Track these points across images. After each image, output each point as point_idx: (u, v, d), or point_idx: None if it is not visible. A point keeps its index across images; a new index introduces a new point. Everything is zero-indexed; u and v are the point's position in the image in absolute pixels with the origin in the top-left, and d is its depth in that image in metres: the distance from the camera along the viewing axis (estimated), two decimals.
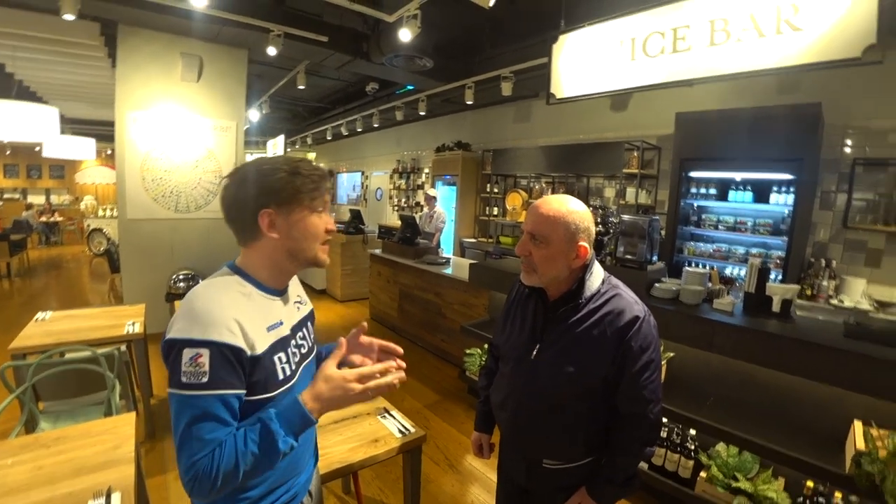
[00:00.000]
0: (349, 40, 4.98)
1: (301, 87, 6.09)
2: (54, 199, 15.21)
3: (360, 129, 9.17)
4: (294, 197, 0.99)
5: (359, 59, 5.14)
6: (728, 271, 4.26)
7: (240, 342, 0.90)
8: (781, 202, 3.91)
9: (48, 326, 2.93)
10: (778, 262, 3.92)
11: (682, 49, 2.76)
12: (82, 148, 7.83)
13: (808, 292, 3.64)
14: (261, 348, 0.94)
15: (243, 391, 0.91)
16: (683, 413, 2.33)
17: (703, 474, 2.30)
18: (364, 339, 1.17)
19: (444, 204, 7.44)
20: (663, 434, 2.52)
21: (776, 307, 2.31)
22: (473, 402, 3.71)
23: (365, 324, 1.19)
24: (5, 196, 14.64)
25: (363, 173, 12.10)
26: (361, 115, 8.40)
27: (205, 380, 0.85)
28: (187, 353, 0.86)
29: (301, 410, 0.92)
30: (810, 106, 3.58)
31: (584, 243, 1.23)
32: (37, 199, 14.88)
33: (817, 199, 3.94)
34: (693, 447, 2.43)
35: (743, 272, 4.07)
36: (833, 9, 2.19)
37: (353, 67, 5.51)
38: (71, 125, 9.85)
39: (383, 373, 1.00)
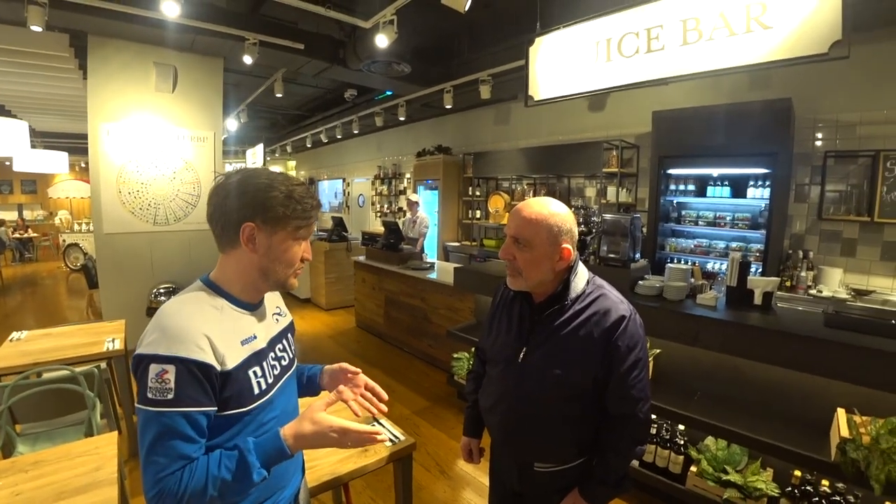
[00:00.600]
0: (326, 47, 4.96)
1: (279, 94, 6.05)
2: (27, 214, 14.77)
3: (339, 136, 9.13)
4: (281, 220, 0.98)
5: (336, 66, 5.12)
6: (710, 266, 4.33)
7: (208, 358, 0.88)
8: (758, 196, 4.00)
9: (23, 346, 2.84)
10: (757, 255, 4.00)
11: (656, 49, 2.80)
12: (54, 162, 7.67)
13: (788, 284, 3.72)
14: (232, 363, 0.93)
15: (212, 408, 0.90)
16: (671, 409, 2.35)
17: (693, 469, 2.32)
18: (359, 377, 1.25)
19: (426, 208, 7.43)
20: (652, 430, 2.54)
21: (758, 300, 2.35)
22: (463, 407, 3.67)
23: (359, 371, 1.28)
24: None
25: (345, 180, 12.04)
26: (341, 121, 8.37)
27: (170, 396, 0.84)
28: (153, 369, 0.85)
29: (280, 446, 0.93)
30: (781, 101, 3.67)
31: (567, 245, 1.23)
32: (9, 216, 14.44)
33: (792, 192, 4.03)
34: (682, 442, 2.45)
35: (724, 266, 4.14)
36: (800, 7, 2.25)
37: (330, 74, 5.48)
38: (42, 139, 9.62)
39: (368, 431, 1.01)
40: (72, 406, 2.50)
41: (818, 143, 3.92)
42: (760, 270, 3.83)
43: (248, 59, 4.47)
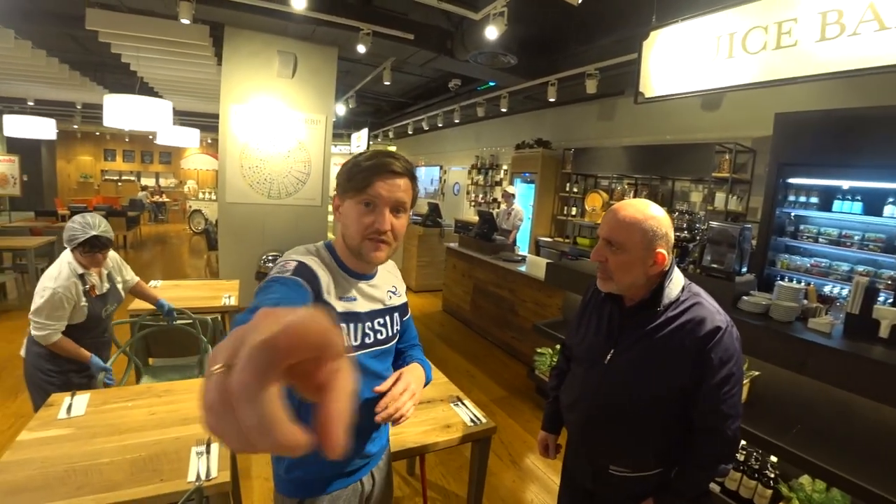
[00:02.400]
0: (434, 38, 5.09)
1: (386, 83, 6.31)
2: (162, 182, 16.89)
3: (440, 125, 9.33)
4: (348, 188, 1.06)
5: (443, 56, 5.23)
6: (827, 289, 3.90)
7: (321, 278, 1.02)
8: None
9: (160, 293, 3.29)
10: (889, 283, 3.53)
11: (787, 45, 2.55)
12: (188, 137, 8.65)
13: None
14: (330, 301, 1.06)
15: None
16: (765, 437, 2.18)
17: None
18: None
19: (521, 202, 7.40)
20: (740, 457, 2.38)
21: (884, 332, 2.09)
22: (540, 401, 3.70)
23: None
24: (123, 178, 16.48)
25: (442, 168, 12.30)
26: (442, 110, 8.53)
27: (287, 274, 0.97)
28: (280, 261, 1.01)
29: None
30: None
31: (662, 250, 1.20)
32: (148, 182, 16.62)
33: None
34: (773, 475, 2.27)
35: (845, 291, 3.71)
36: None
37: (436, 64, 5.62)
38: (179, 116, 10.88)
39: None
40: (193, 349, 2.91)
41: None
42: (892, 301, 3.38)
43: (361, 49, 4.72)
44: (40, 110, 10.51)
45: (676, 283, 1.26)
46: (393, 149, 14.69)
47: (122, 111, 5.15)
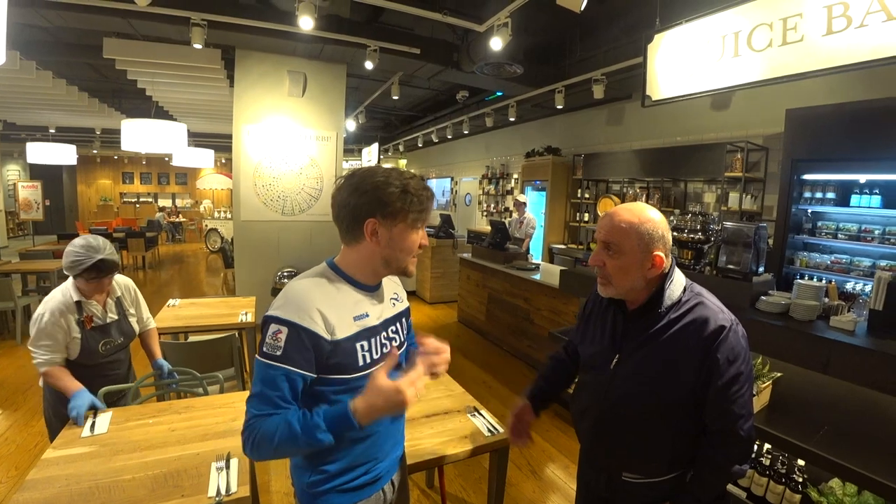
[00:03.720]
0: (440, 51, 5.16)
1: (395, 97, 6.40)
2: (179, 202, 17.24)
3: (449, 136, 9.40)
4: (399, 212, 1.08)
5: (450, 69, 5.30)
6: (849, 286, 3.81)
7: (318, 329, 1.02)
8: None
9: (178, 311, 3.38)
10: None
11: (794, 40, 2.53)
12: (203, 158, 8.86)
13: None
14: (342, 334, 1.06)
15: (310, 374, 1.03)
16: (791, 440, 2.12)
17: None
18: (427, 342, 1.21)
19: (533, 209, 7.40)
20: (766, 462, 2.32)
21: None
22: (558, 410, 3.66)
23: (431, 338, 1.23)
24: (141, 200, 16.87)
25: (452, 179, 12.38)
26: (451, 122, 8.61)
27: (279, 353, 0.99)
28: (272, 328, 1.01)
29: (345, 412, 0.99)
30: None
31: (659, 252, 1.19)
32: (165, 203, 16.99)
33: None
34: (801, 480, 2.21)
35: (868, 287, 3.62)
36: None
37: (444, 77, 5.69)
38: (194, 138, 11.15)
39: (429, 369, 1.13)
40: (210, 365, 2.93)
41: None
42: None
43: (369, 65, 4.80)
44: (61, 137, 10.88)
45: (678, 284, 1.25)
46: (403, 162, 14.87)
47: (138, 135, 5.31)
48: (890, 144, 3.32)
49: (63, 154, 8.91)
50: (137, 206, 16.66)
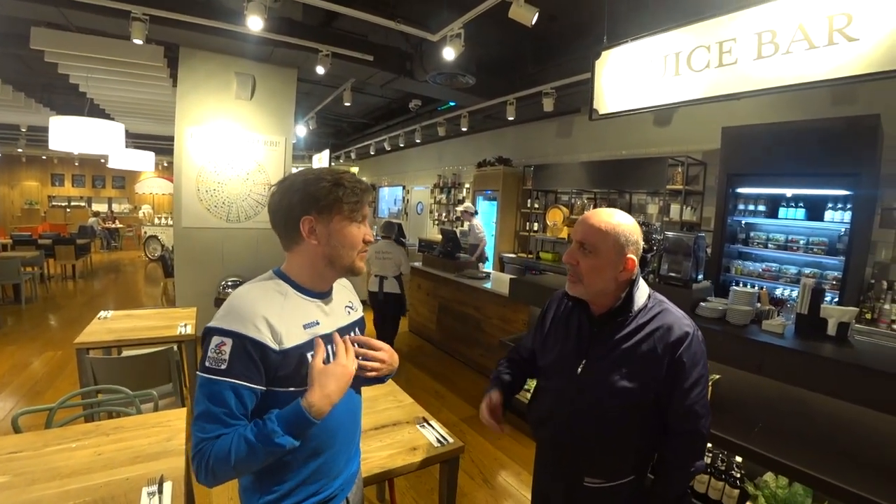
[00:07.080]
0: (394, 59, 5.14)
1: (347, 104, 6.31)
2: (115, 207, 16.22)
3: (402, 145, 9.36)
4: (334, 206, 1.05)
5: (403, 77, 5.29)
6: (778, 292, 4.08)
7: (264, 338, 0.97)
8: (837, 219, 3.73)
9: (110, 324, 3.13)
10: (834, 283, 3.72)
11: (728, 63, 2.70)
12: (142, 160, 8.36)
13: (868, 316, 3.44)
14: (290, 343, 1.01)
15: (259, 387, 0.97)
16: (730, 439, 2.23)
17: None
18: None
19: (484, 219, 7.45)
20: (707, 459, 2.42)
21: (831, 330, 2.20)
22: (511, 418, 3.66)
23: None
24: (73, 204, 15.74)
25: (404, 187, 12.32)
26: (404, 130, 8.59)
27: (223, 367, 0.94)
28: (214, 340, 0.95)
29: (298, 409, 0.95)
30: (868, 118, 3.42)
31: (632, 256, 1.23)
32: (100, 208, 15.92)
33: (877, 216, 3.72)
34: (739, 475, 2.32)
35: (795, 293, 3.88)
36: (890, 17, 2.10)
37: (397, 85, 5.67)
38: (133, 139, 10.54)
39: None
40: (146, 381, 2.74)
41: None
42: (837, 300, 3.56)
43: (320, 70, 4.71)
44: None
45: (643, 290, 1.29)
46: (356, 169, 14.67)
47: (69, 134, 4.93)
48: (811, 162, 3.60)
49: None
50: (68, 210, 15.48)
